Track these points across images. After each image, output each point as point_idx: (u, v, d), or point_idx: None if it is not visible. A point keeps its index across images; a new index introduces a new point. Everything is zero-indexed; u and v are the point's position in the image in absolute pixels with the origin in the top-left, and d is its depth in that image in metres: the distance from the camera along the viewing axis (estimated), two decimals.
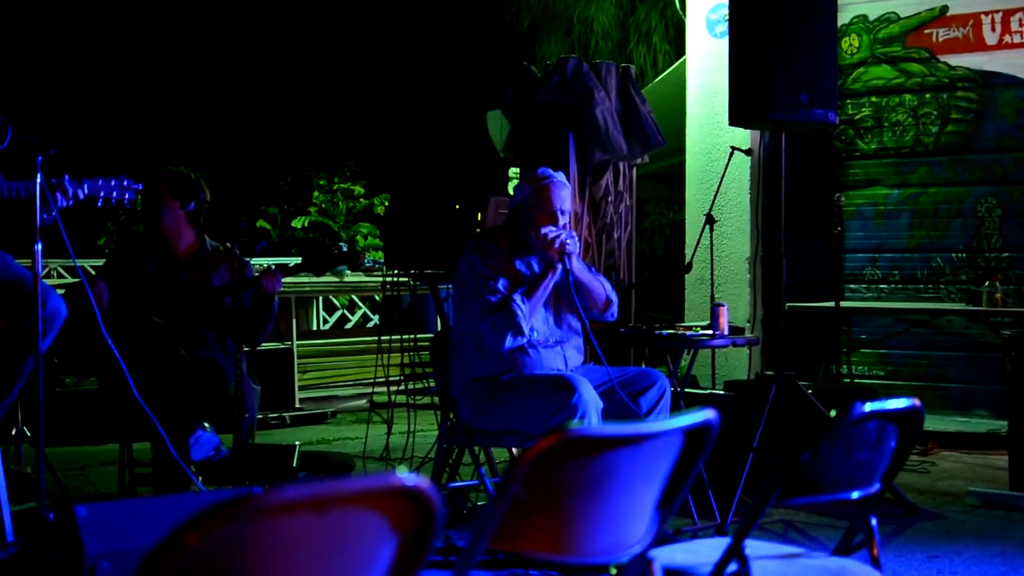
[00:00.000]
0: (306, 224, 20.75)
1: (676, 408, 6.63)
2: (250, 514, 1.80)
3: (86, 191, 6.04)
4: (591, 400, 5.91)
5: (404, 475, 1.96)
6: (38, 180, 5.54)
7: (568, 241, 6.22)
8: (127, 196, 6.14)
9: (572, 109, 8.65)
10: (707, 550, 3.42)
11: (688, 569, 3.25)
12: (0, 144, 6.06)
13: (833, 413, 2.99)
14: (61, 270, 13.56)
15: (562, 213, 6.36)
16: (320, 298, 14.95)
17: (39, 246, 5.52)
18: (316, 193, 21.17)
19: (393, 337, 8.55)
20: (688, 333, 7.10)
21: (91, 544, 4.17)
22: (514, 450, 7.51)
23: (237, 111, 24.25)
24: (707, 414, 2.74)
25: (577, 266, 6.37)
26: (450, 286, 8.50)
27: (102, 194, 6.09)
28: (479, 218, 7.63)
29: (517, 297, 6.18)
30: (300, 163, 22.26)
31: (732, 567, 3.12)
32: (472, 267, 6.30)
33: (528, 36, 21.43)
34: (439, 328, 12.77)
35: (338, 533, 1.95)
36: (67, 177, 5.94)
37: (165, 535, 1.77)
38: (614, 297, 6.68)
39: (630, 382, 6.33)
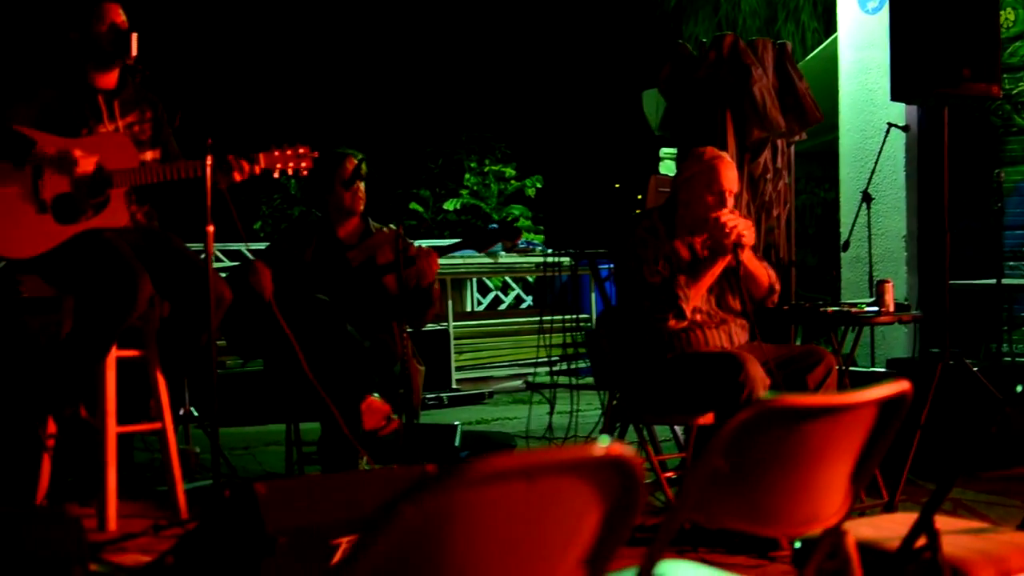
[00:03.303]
0: (458, 206, 20.85)
1: (842, 387, 6.54)
2: (463, 483, 1.79)
3: (262, 164, 6.10)
4: (758, 378, 5.85)
5: (611, 445, 1.95)
6: (208, 160, 5.61)
7: (745, 233, 6.14)
8: (302, 164, 6.18)
9: (730, 86, 8.58)
10: (891, 524, 3.38)
11: (875, 543, 3.21)
12: (172, 126, 6.17)
13: (1020, 389, 2.93)
14: (219, 254, 13.73)
15: (730, 193, 6.30)
16: (474, 279, 15.01)
17: (210, 228, 5.60)
18: (467, 175, 21.25)
19: (555, 317, 8.55)
20: (854, 311, 7.00)
21: (270, 520, 4.22)
22: (677, 428, 7.49)
23: (389, 95, 24.39)
24: (901, 385, 2.69)
25: (747, 256, 6.30)
26: (611, 265, 8.50)
27: (278, 165, 6.15)
28: (639, 197, 7.59)
29: (682, 282, 6.14)
30: (451, 146, 22.36)
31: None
32: (633, 249, 6.27)
33: (675, 16, 21.33)
34: (594, 308, 12.83)
35: (547, 502, 1.94)
36: (239, 154, 6.01)
37: (380, 507, 1.77)
38: (778, 286, 6.62)
39: (796, 360, 6.26)
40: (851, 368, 7.49)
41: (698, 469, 2.37)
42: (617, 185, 7.63)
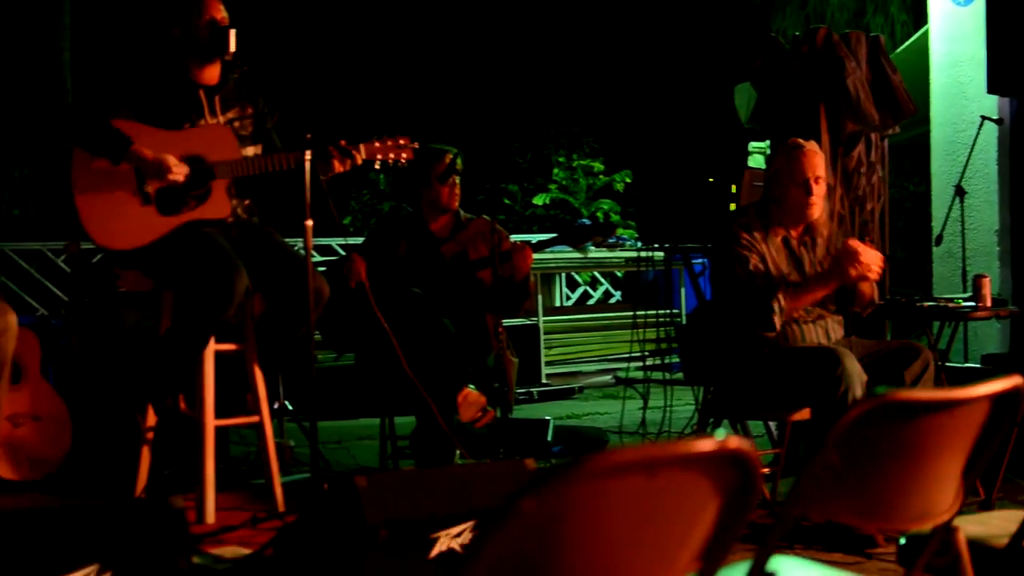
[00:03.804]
0: (547, 201, 20.86)
1: (938, 382, 6.48)
2: (584, 477, 1.79)
3: (363, 155, 6.13)
4: (855, 373, 5.82)
5: (729, 438, 1.94)
6: (308, 154, 5.64)
7: (875, 270, 6.08)
8: (403, 155, 6.20)
9: (823, 80, 8.52)
10: (998, 521, 3.36)
11: (983, 540, 3.19)
12: (272, 122, 6.21)
13: None
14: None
15: (816, 180, 6.25)
16: (563, 274, 15.01)
17: (309, 222, 5.63)
18: (556, 170, 21.26)
19: (648, 312, 8.54)
20: (951, 305, 6.94)
21: (371, 514, 4.24)
22: (771, 424, 7.46)
23: (478, 89, 24.43)
24: (1015, 380, 2.66)
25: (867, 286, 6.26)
26: (705, 260, 8.46)
27: (378, 156, 6.17)
28: (733, 190, 7.56)
29: (781, 297, 6.09)
30: (539, 140, 22.38)
31: None
32: (729, 245, 6.25)
33: (763, 9, 21.21)
34: (684, 303, 12.80)
35: (666, 496, 1.94)
36: (339, 145, 6.03)
37: (502, 502, 1.77)
38: (877, 299, 6.57)
39: (892, 355, 6.21)
40: (946, 364, 7.42)
41: (812, 464, 2.36)
42: (711, 179, 7.60)
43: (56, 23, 14.41)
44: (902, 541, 3.14)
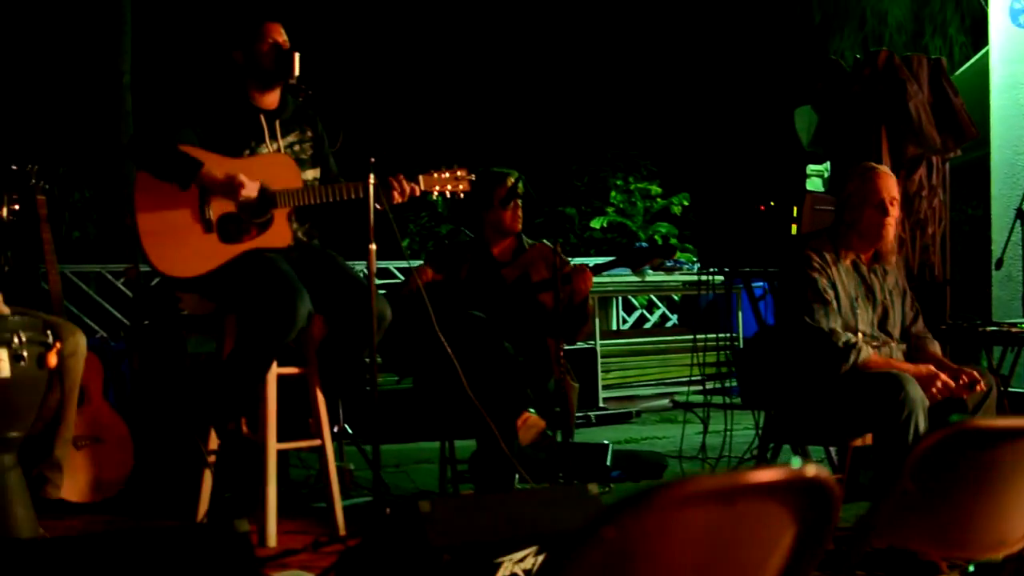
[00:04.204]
0: (604, 224, 20.84)
1: (1000, 408, 6.43)
2: (664, 505, 1.78)
3: (422, 186, 6.15)
4: (918, 398, 5.79)
5: (808, 467, 1.93)
6: (371, 180, 5.66)
7: (942, 389, 6.08)
8: (460, 186, 6.22)
9: (885, 102, 8.50)
10: None
11: None
12: (333, 146, 6.23)
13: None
14: (365, 270, 13.81)
15: (891, 202, 6.24)
16: (620, 298, 14.98)
17: (373, 246, 5.65)
18: (613, 193, 21.24)
19: (708, 336, 8.50)
20: (1014, 330, 6.89)
21: (434, 538, 4.23)
22: (832, 449, 7.42)
23: (534, 113, 24.48)
24: None
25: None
26: (764, 284, 8.43)
27: (436, 187, 6.19)
28: (795, 213, 7.53)
29: (864, 350, 6.09)
30: (596, 163, 22.37)
31: None
32: (802, 269, 6.23)
33: (821, 31, 21.16)
34: (741, 326, 12.75)
35: (744, 524, 1.93)
36: (399, 175, 6.05)
37: (580, 528, 1.77)
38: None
39: (955, 380, 6.18)
40: (1009, 389, 7.36)
41: (888, 491, 2.35)
42: (772, 203, 7.57)
43: (116, 46, 14.52)
44: (971, 569, 3.12)
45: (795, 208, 7.52)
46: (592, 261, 8.35)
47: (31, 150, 7.65)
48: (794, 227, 7.47)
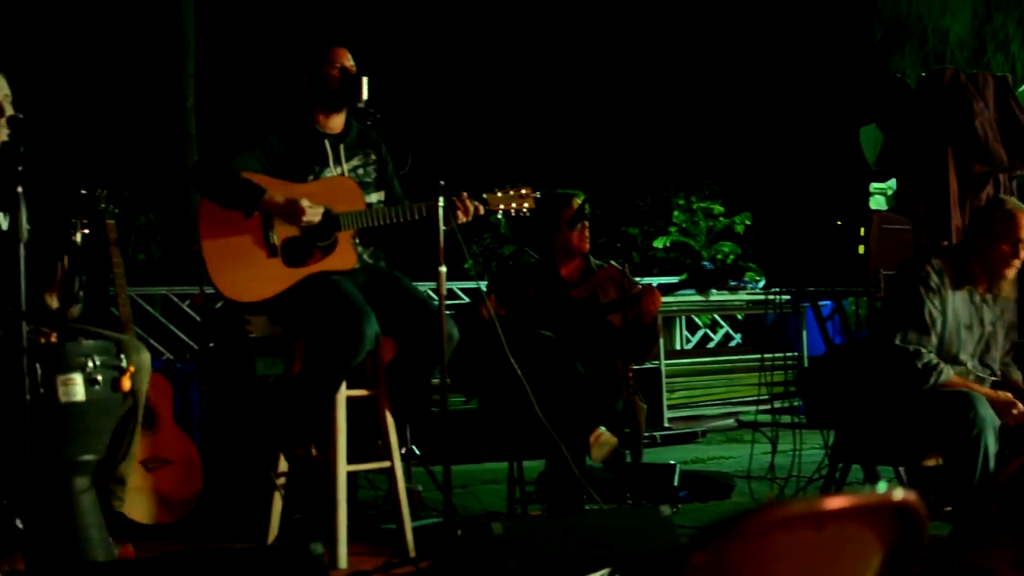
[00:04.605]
0: (667, 243, 20.82)
1: None
2: (754, 530, 1.78)
3: (488, 206, 6.17)
4: (988, 418, 5.77)
5: (896, 491, 1.93)
6: (440, 202, 5.67)
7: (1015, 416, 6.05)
8: (524, 205, 6.23)
9: (951, 121, 8.45)
10: None
11: None
12: (402, 169, 6.26)
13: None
14: (430, 292, 13.85)
15: (1022, 245, 6.22)
16: (683, 317, 14.96)
17: (443, 268, 5.66)
18: (676, 212, 21.22)
19: (776, 355, 8.47)
20: None
21: (508, 559, 4.24)
22: (901, 469, 7.37)
23: (597, 132, 24.51)
24: None
25: None
26: (831, 303, 8.38)
27: (500, 206, 6.20)
28: (862, 233, 7.49)
29: (946, 372, 6.07)
30: (659, 183, 22.36)
31: None
32: (915, 285, 6.21)
33: (881, 49, 21.06)
34: (805, 345, 12.69)
35: (832, 549, 1.93)
36: (466, 194, 6.07)
37: (670, 553, 1.76)
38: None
39: None
40: None
41: (973, 515, 2.34)
42: (840, 222, 7.53)
43: (179, 70, 14.63)
44: None
45: (862, 228, 7.48)
46: (656, 281, 8.36)
47: (98, 174, 7.71)
48: (861, 247, 7.43)
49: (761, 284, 12.72)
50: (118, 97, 17.65)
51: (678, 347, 14.75)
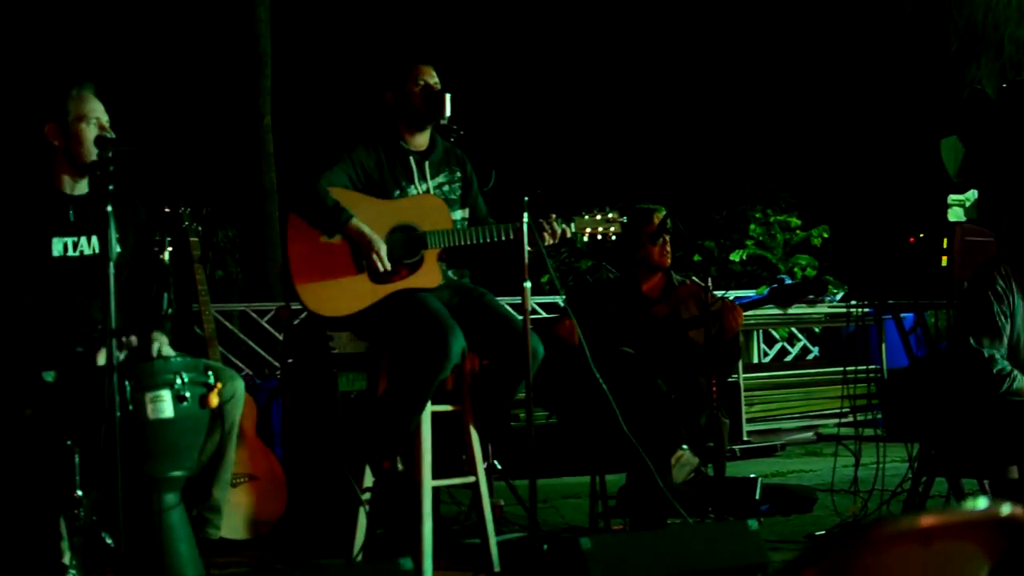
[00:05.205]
0: (744, 257, 20.76)
1: None
2: (863, 547, 1.78)
3: (572, 228, 6.19)
4: None
5: (1002, 505, 1.92)
6: (525, 220, 5.68)
7: None
8: (611, 229, 6.24)
9: None
10: None
11: None
12: (485, 186, 6.28)
13: None
14: (508, 307, 13.88)
15: None
16: (760, 330, 14.92)
17: (527, 284, 5.67)
18: (752, 226, 21.15)
19: (858, 368, 8.42)
20: None
21: (596, 574, 4.25)
22: (985, 482, 7.32)
23: (672, 146, 24.51)
24: None
25: None
26: (912, 316, 8.34)
27: (588, 229, 6.22)
28: (944, 245, 7.44)
29: (1020, 379, 6.03)
30: (735, 196, 22.30)
31: None
32: (984, 290, 6.19)
33: (957, 60, 20.91)
34: (884, 358, 12.61)
35: (941, 564, 1.92)
36: (554, 216, 6.10)
37: (783, 571, 1.77)
38: None
39: None
40: None
41: None
42: (921, 234, 7.49)
43: (257, 87, 14.71)
44: None
45: (945, 239, 7.44)
46: (733, 294, 8.34)
47: (178, 192, 7.79)
48: (944, 259, 7.39)
49: (839, 296, 12.67)
50: (196, 114, 17.79)
51: (756, 360, 14.70)
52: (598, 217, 6.20)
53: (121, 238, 5.31)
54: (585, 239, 6.28)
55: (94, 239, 5.64)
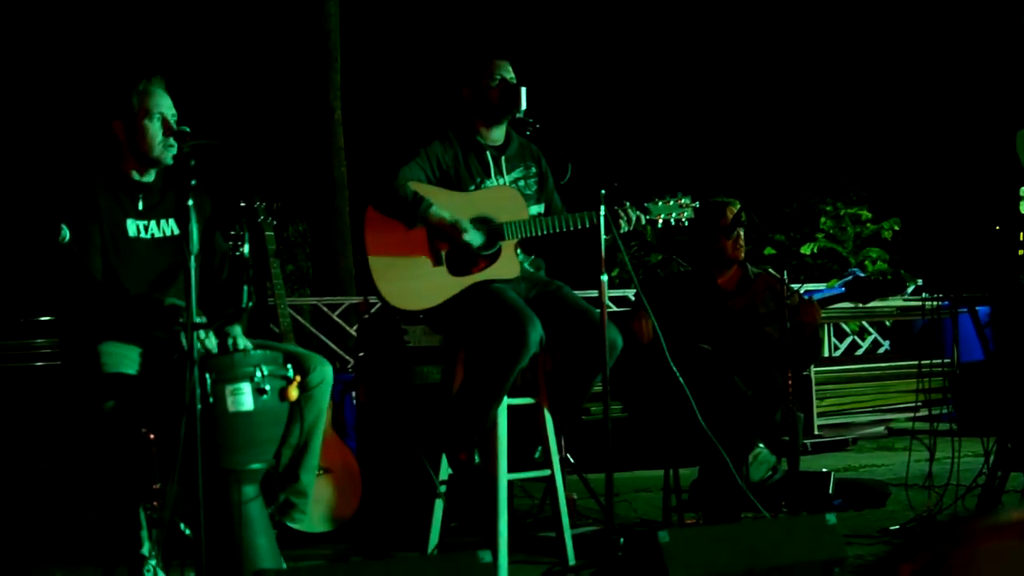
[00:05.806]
0: (815, 250, 20.68)
1: None
2: (960, 542, 1.78)
3: (646, 215, 6.19)
4: None
5: None
6: (601, 212, 5.69)
7: None
8: (684, 215, 6.25)
9: None
10: None
11: None
12: (562, 180, 6.29)
13: None
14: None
15: None
16: (831, 324, 14.85)
17: (604, 277, 5.67)
18: (823, 219, 21.06)
19: (934, 361, 8.37)
20: None
21: (674, 568, 4.25)
22: None
23: (743, 140, 24.42)
24: None
25: None
26: (987, 309, 8.28)
27: (661, 216, 6.23)
28: (1022, 238, 7.40)
29: None
30: (805, 189, 22.21)
31: None
32: None
33: None
34: (956, 352, 12.53)
35: None
36: (628, 204, 6.11)
37: (877, 564, 1.77)
38: None
39: None
40: None
41: None
42: (998, 227, 7.45)
43: (327, 82, 14.74)
44: None
45: (1022, 232, 7.39)
46: (804, 288, 8.30)
47: (252, 186, 7.84)
48: (1021, 251, 7.35)
49: (911, 290, 12.60)
50: (267, 109, 17.85)
51: (827, 354, 14.64)
52: (671, 203, 6.21)
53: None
54: (659, 224, 6.28)
55: (163, 223, 5.71)
